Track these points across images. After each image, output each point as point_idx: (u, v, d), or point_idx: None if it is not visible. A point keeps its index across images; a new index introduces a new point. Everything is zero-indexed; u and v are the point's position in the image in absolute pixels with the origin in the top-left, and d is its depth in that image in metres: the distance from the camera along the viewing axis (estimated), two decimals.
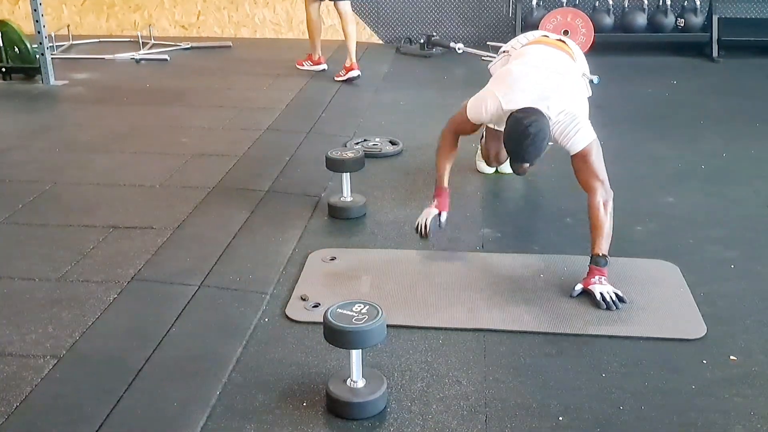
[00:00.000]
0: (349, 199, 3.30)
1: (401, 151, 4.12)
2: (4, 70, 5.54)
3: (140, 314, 2.51)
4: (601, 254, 2.61)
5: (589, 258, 2.63)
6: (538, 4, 6.75)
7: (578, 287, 2.62)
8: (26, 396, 2.07)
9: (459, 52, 6.50)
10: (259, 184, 3.60)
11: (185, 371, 2.21)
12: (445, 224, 3.04)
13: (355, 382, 2.07)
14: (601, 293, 2.56)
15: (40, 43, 5.38)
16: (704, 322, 2.47)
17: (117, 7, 7.34)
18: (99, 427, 1.96)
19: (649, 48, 6.77)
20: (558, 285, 2.69)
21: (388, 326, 2.04)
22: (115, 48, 6.69)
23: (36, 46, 5.43)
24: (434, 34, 6.80)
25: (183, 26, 7.41)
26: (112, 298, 2.57)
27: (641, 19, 6.66)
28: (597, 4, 6.73)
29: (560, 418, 2.04)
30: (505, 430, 1.99)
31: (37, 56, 5.45)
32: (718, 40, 6.50)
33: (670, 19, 6.62)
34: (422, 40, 6.75)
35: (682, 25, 6.63)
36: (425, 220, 3.01)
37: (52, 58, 5.58)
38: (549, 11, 6.54)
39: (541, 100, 2.71)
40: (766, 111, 5.01)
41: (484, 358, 2.30)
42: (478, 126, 2.98)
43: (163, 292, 2.65)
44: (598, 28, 6.48)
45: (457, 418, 2.03)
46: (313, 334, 2.36)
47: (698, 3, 6.59)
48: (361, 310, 2.03)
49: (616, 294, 2.57)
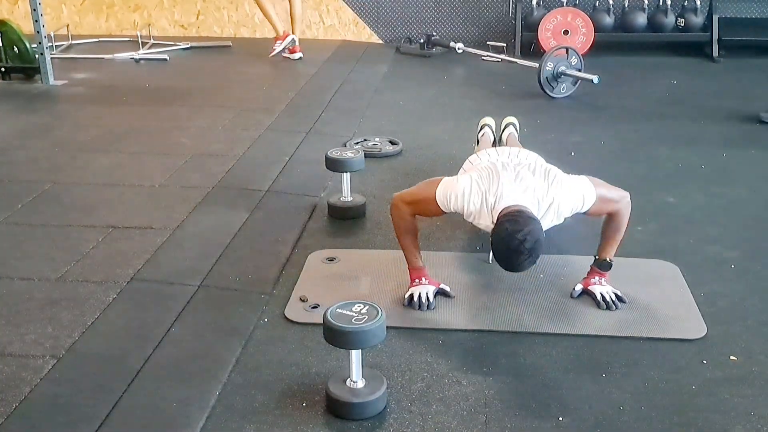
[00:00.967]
0: (349, 199, 3.30)
1: (401, 151, 4.12)
2: (3, 69, 5.54)
3: (140, 314, 2.51)
4: (608, 259, 2.59)
5: (593, 259, 2.62)
6: (538, 4, 6.75)
7: (578, 287, 2.61)
8: (26, 396, 2.07)
9: (459, 52, 6.50)
10: (258, 184, 3.60)
11: (185, 371, 2.21)
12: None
13: (354, 382, 2.07)
14: (601, 293, 2.56)
15: (40, 43, 5.38)
16: (704, 322, 2.47)
17: (116, 7, 7.33)
18: (98, 428, 1.96)
19: (649, 48, 6.77)
20: (558, 285, 2.69)
21: (387, 327, 2.04)
22: (115, 48, 6.69)
23: (35, 45, 5.43)
24: (434, 33, 6.80)
25: (182, 26, 7.41)
26: (111, 299, 2.57)
27: (641, 19, 6.66)
28: (597, 4, 6.73)
29: (560, 418, 2.03)
30: (505, 431, 1.99)
31: (37, 56, 5.45)
32: (718, 40, 6.50)
33: (670, 19, 6.62)
34: (422, 40, 6.75)
35: (682, 24, 6.63)
36: (425, 292, 2.57)
37: (51, 58, 5.58)
38: (549, 11, 6.54)
39: (532, 190, 2.40)
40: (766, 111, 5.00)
41: (484, 359, 2.30)
42: (441, 213, 2.56)
43: (163, 292, 2.65)
44: (598, 28, 6.48)
45: (457, 419, 2.03)
46: (312, 335, 2.36)
47: (698, 3, 6.59)
48: (361, 310, 2.03)
49: (616, 294, 2.57)
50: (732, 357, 2.30)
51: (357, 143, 4.16)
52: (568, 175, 2.51)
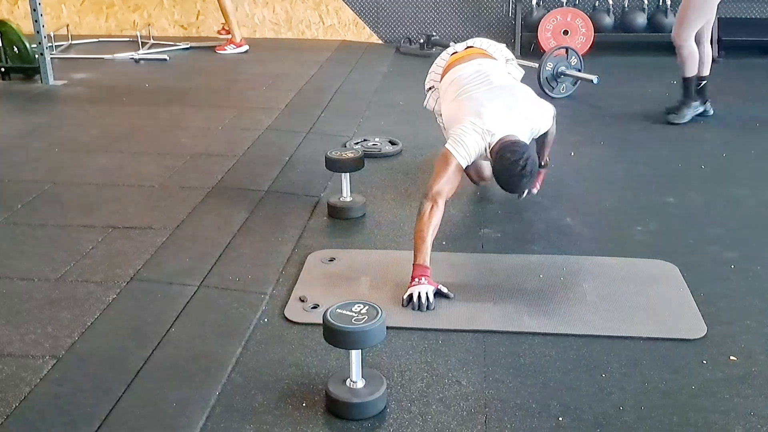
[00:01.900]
0: (349, 199, 3.30)
1: (401, 151, 4.12)
2: (3, 69, 5.54)
3: (139, 314, 2.51)
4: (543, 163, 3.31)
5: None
6: (538, 4, 6.75)
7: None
8: (25, 396, 2.07)
9: None
10: (258, 184, 3.60)
11: (184, 372, 2.21)
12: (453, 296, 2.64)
13: (354, 382, 2.07)
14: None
15: (39, 43, 5.38)
16: (704, 322, 2.46)
17: (116, 7, 7.33)
18: (98, 428, 1.96)
19: (649, 48, 6.76)
20: (558, 285, 2.69)
21: (387, 327, 2.04)
22: (115, 48, 6.69)
23: (35, 45, 5.43)
24: (434, 33, 6.79)
25: (182, 26, 7.40)
26: (111, 299, 2.57)
27: (641, 19, 6.66)
28: (597, 4, 6.73)
29: (560, 419, 2.03)
30: (505, 431, 1.99)
31: (37, 56, 5.44)
32: (718, 40, 6.49)
33: (670, 19, 6.60)
34: (422, 40, 6.75)
35: None
36: (425, 292, 2.56)
37: (51, 58, 5.58)
38: (549, 11, 6.53)
39: (519, 121, 2.88)
40: (766, 111, 5.01)
41: (483, 359, 2.30)
42: (461, 178, 2.91)
43: (163, 292, 2.65)
44: (598, 28, 6.47)
45: (457, 419, 2.03)
46: (312, 335, 2.36)
47: None
48: (361, 310, 2.03)
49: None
50: (732, 357, 2.30)
51: (357, 143, 4.16)
52: (538, 99, 3.06)
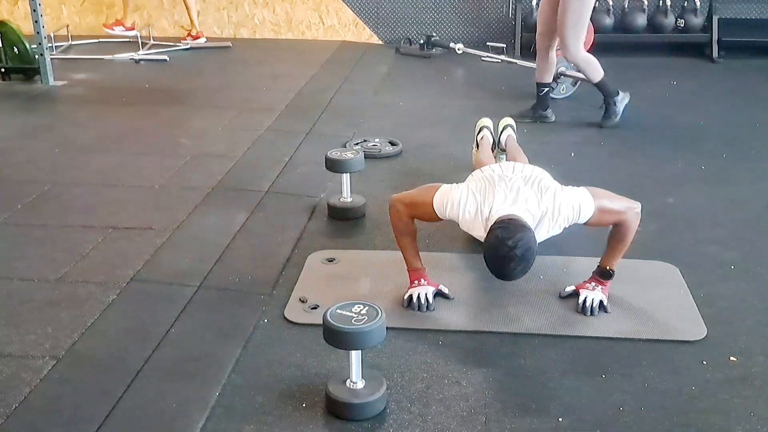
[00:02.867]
0: (349, 199, 3.30)
1: (401, 152, 4.12)
2: (3, 70, 5.54)
3: (139, 315, 2.51)
4: (609, 269, 2.57)
5: (597, 266, 2.59)
6: (537, 5, 6.74)
7: (570, 288, 2.61)
8: (25, 397, 2.07)
9: (459, 53, 6.50)
10: (258, 185, 3.60)
11: (184, 372, 2.21)
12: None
13: (354, 383, 2.07)
14: (585, 297, 2.54)
15: (40, 44, 5.38)
16: (704, 323, 2.47)
17: (116, 8, 7.32)
18: (98, 428, 1.96)
19: (649, 48, 6.77)
20: (558, 286, 2.68)
21: (387, 327, 2.04)
22: (115, 48, 6.68)
23: (35, 46, 5.43)
24: (434, 34, 6.79)
25: (182, 26, 7.40)
26: (111, 299, 2.57)
27: (641, 20, 6.66)
28: (597, 4, 6.70)
29: (560, 419, 2.03)
30: (505, 431, 1.99)
31: (37, 56, 5.44)
32: (718, 41, 6.49)
33: (670, 20, 6.62)
34: (422, 41, 6.75)
35: (682, 25, 6.63)
36: (425, 293, 2.55)
37: (51, 59, 5.58)
38: None
39: (523, 201, 2.41)
40: (766, 111, 5.00)
41: (483, 359, 2.30)
42: (437, 219, 2.57)
43: (162, 293, 2.65)
44: (598, 28, 6.46)
45: (457, 419, 2.03)
46: (312, 336, 2.36)
47: (698, 3, 6.59)
48: (361, 311, 2.03)
49: (601, 302, 2.53)
50: (732, 358, 2.30)
51: (357, 144, 4.16)
52: (566, 187, 2.51)
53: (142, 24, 7.25)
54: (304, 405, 2.08)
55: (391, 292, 2.65)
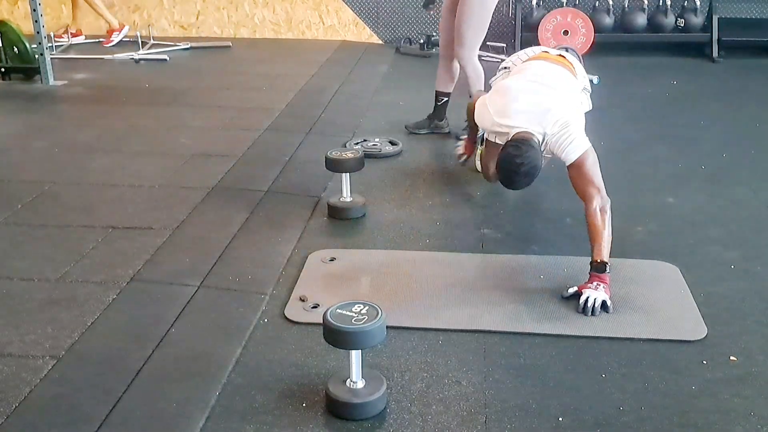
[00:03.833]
0: (349, 199, 3.30)
1: (401, 152, 4.12)
2: (3, 70, 5.54)
3: (139, 315, 2.51)
4: (600, 261, 2.59)
5: (590, 264, 2.62)
6: (538, 4, 6.75)
7: (572, 289, 2.60)
8: (25, 396, 2.07)
9: None
10: (258, 185, 3.60)
11: (184, 372, 2.21)
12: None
13: (354, 382, 2.07)
14: (588, 297, 2.53)
15: (39, 43, 5.38)
16: (704, 323, 2.46)
17: (116, 7, 7.33)
18: (98, 428, 1.96)
19: (649, 48, 6.77)
20: (558, 286, 2.68)
21: (387, 327, 2.03)
22: (115, 48, 6.69)
23: (35, 46, 5.43)
24: (434, 34, 6.79)
25: (182, 26, 7.41)
26: (111, 299, 2.57)
27: (641, 19, 6.66)
28: (597, 4, 6.73)
29: (560, 419, 2.03)
30: (505, 431, 1.99)
31: (37, 56, 5.45)
32: (718, 41, 6.50)
33: (670, 19, 6.62)
34: (422, 40, 6.75)
35: (682, 25, 6.63)
36: (599, 299, 2.56)
37: (51, 58, 5.58)
38: (549, 11, 6.54)
39: (535, 117, 2.79)
40: (766, 111, 5.01)
41: (483, 359, 2.30)
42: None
43: (163, 292, 2.65)
44: (598, 28, 6.48)
45: (457, 419, 2.03)
46: (312, 335, 2.36)
47: (698, 3, 6.59)
48: (361, 310, 2.03)
49: (603, 302, 2.53)
50: (732, 357, 2.30)
51: (357, 143, 4.16)
52: (579, 123, 2.89)
53: (142, 24, 7.25)
54: (304, 405, 2.08)
55: (391, 292, 2.65)
